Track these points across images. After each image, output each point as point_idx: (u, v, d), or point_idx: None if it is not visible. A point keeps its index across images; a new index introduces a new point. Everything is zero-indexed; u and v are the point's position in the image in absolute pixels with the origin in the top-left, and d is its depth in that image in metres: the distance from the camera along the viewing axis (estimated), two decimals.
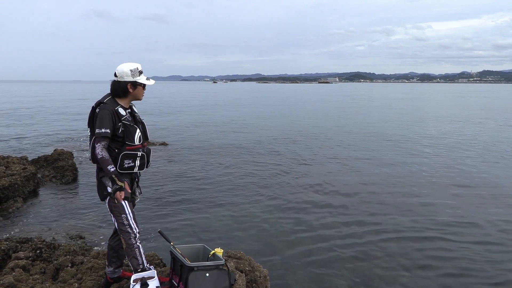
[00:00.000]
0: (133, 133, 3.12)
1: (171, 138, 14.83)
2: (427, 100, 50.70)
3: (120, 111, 3.11)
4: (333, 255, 5.10)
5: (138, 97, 3.25)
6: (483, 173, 9.57)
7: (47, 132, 16.62)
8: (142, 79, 3.17)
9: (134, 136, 3.13)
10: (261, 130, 17.83)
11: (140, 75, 3.18)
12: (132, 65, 3.14)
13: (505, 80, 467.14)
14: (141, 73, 3.19)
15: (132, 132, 3.12)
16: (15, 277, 3.64)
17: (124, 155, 3.08)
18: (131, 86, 3.14)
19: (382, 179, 9.00)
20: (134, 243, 3.14)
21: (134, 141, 3.13)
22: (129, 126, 3.11)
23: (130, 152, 3.12)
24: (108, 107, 3.07)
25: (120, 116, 3.09)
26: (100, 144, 3.00)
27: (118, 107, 3.11)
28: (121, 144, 3.09)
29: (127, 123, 3.11)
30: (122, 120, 3.08)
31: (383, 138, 15.51)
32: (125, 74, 3.11)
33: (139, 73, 3.16)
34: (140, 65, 3.20)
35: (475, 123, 21.08)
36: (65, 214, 6.51)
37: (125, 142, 3.09)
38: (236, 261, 3.73)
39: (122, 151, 3.08)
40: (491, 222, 6.28)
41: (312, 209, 6.86)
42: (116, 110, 3.08)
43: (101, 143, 3.00)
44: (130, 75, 3.11)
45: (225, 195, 7.65)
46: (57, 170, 9.07)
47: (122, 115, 3.10)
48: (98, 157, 2.99)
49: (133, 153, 3.13)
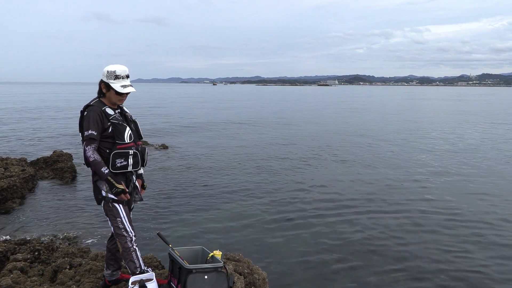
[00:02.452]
0: (122, 131, 3.08)
1: (171, 141, 14.83)
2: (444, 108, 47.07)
3: (108, 110, 3.08)
4: (332, 258, 5.09)
5: (111, 101, 3.12)
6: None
7: (46, 133, 16.61)
8: (115, 83, 3.04)
9: (124, 134, 3.08)
10: (261, 132, 17.85)
11: (116, 79, 3.04)
12: (112, 67, 3.06)
13: (504, 84, 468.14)
14: (117, 78, 3.05)
15: (122, 130, 3.08)
16: (13, 279, 3.63)
17: (116, 154, 3.03)
18: (104, 86, 3.09)
19: (383, 180, 9.00)
20: (131, 247, 3.12)
21: (124, 139, 3.08)
22: (118, 124, 3.08)
23: (122, 150, 3.07)
24: (95, 108, 3.04)
25: (108, 116, 3.05)
26: (89, 146, 2.96)
27: (105, 107, 3.08)
28: (112, 144, 3.05)
29: (115, 121, 3.07)
30: (111, 119, 3.05)
31: (383, 139, 15.53)
32: (102, 73, 3.09)
33: (114, 76, 3.04)
34: (122, 69, 3.08)
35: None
36: (63, 216, 6.50)
37: (115, 141, 3.05)
38: (235, 264, 3.73)
39: (113, 150, 3.04)
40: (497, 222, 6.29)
41: (311, 212, 6.85)
42: (103, 110, 3.05)
43: (90, 146, 2.96)
44: (105, 75, 3.06)
45: (224, 198, 7.64)
46: (56, 172, 9.06)
47: (110, 115, 3.07)
48: (90, 160, 2.96)
49: (124, 151, 3.08)
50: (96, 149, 2.99)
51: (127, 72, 3.13)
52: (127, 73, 3.13)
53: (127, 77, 3.13)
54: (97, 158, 2.96)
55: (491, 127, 20.93)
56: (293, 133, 17.90)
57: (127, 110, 3.32)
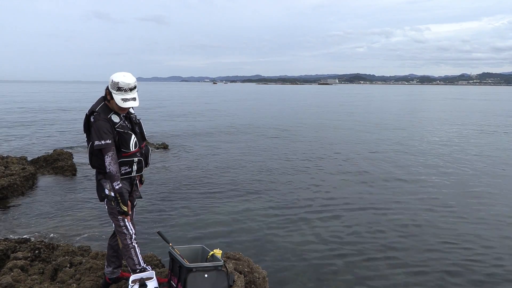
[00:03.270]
0: (128, 140, 3.11)
1: (172, 140, 14.83)
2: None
3: (114, 118, 3.08)
4: (333, 257, 5.10)
5: (114, 108, 3.10)
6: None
7: (47, 132, 16.62)
8: (116, 95, 3.00)
9: (129, 143, 3.11)
10: (261, 132, 17.84)
11: (118, 91, 3.00)
12: (116, 78, 3.01)
13: (505, 83, 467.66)
14: (120, 90, 2.99)
15: (127, 139, 3.10)
16: (13, 278, 3.63)
17: (120, 162, 3.08)
18: (108, 93, 3.08)
19: (384, 181, 9.00)
20: (130, 244, 3.15)
21: (130, 147, 3.12)
22: (123, 133, 3.09)
23: (126, 159, 3.12)
24: (101, 117, 3.03)
25: (114, 124, 3.06)
26: (108, 155, 2.97)
27: (111, 114, 3.08)
28: (117, 151, 3.07)
29: (121, 130, 3.08)
30: (116, 128, 3.06)
31: (388, 140, 15.53)
32: (109, 80, 3.07)
33: (117, 88, 3.00)
34: (126, 82, 3.00)
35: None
36: (64, 214, 6.50)
37: (121, 149, 3.08)
38: (235, 262, 3.73)
39: (118, 158, 3.06)
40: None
41: (311, 211, 6.86)
42: (109, 118, 3.06)
43: (108, 154, 2.96)
44: (110, 83, 3.05)
45: (224, 196, 7.64)
46: (56, 170, 9.07)
47: (116, 123, 3.08)
48: (106, 170, 2.98)
49: (129, 159, 3.14)
50: (114, 158, 2.98)
51: (132, 85, 3.03)
52: (131, 86, 3.03)
53: (131, 90, 3.04)
54: (113, 171, 2.96)
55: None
56: (293, 133, 17.89)
57: (132, 111, 3.33)
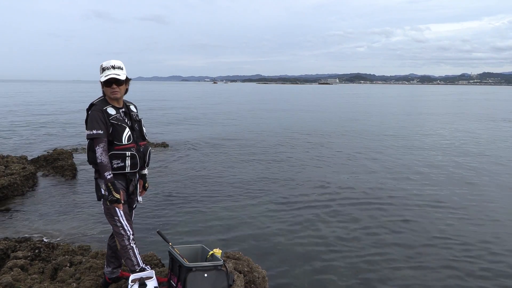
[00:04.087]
0: (120, 133, 3.06)
1: (172, 139, 14.83)
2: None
3: (109, 110, 3.07)
4: (333, 257, 5.10)
5: (108, 95, 3.09)
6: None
7: (47, 131, 16.61)
8: (102, 77, 3.01)
9: (121, 135, 3.06)
10: (261, 131, 17.84)
11: (103, 72, 3.01)
12: (103, 63, 3.03)
13: (506, 82, 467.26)
14: (104, 70, 3.01)
15: (120, 131, 3.06)
16: (13, 277, 3.64)
17: (112, 155, 3.04)
18: (101, 85, 3.08)
19: (384, 181, 9.00)
20: (127, 245, 3.13)
21: (122, 140, 3.06)
22: (117, 125, 3.06)
23: (118, 152, 3.06)
24: (97, 107, 3.04)
25: (108, 116, 3.04)
26: (98, 146, 2.96)
27: (107, 107, 3.07)
28: (110, 144, 3.05)
29: (114, 122, 3.05)
30: (110, 120, 3.04)
31: (389, 139, 15.53)
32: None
33: (101, 70, 3.02)
34: (108, 61, 3.02)
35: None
36: (64, 214, 6.51)
37: (113, 141, 3.05)
38: (235, 262, 3.73)
39: (110, 150, 3.04)
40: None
41: (311, 210, 6.85)
42: (104, 110, 3.05)
43: (99, 146, 2.96)
44: (100, 73, 3.07)
45: (224, 196, 7.65)
46: (56, 170, 9.08)
47: (111, 115, 3.06)
48: (97, 161, 2.97)
49: (121, 153, 3.07)
50: (105, 149, 2.98)
51: (113, 63, 3.02)
52: (113, 64, 3.02)
53: (114, 68, 3.03)
54: (104, 161, 2.95)
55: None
56: (294, 133, 17.89)
57: (133, 109, 3.31)
